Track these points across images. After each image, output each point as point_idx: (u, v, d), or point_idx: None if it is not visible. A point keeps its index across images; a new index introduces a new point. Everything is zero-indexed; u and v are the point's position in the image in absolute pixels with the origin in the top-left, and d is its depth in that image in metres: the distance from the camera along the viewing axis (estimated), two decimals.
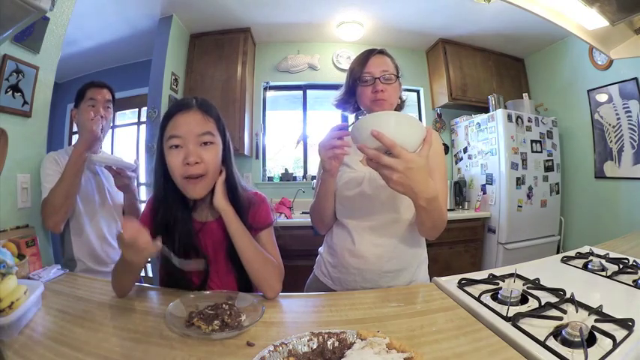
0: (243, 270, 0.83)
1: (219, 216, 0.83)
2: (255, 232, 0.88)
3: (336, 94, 1.10)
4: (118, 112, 3.23)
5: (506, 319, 0.66)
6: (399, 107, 1.07)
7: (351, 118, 1.22)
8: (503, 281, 0.85)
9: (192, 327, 0.65)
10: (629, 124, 2.43)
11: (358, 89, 1.00)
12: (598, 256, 1.11)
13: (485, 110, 2.86)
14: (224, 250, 0.86)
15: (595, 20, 1.33)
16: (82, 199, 1.23)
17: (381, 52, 1.02)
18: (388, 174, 0.67)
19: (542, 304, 0.72)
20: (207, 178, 0.80)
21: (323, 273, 1.06)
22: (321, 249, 1.12)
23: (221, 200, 0.82)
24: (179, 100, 0.85)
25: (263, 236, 0.90)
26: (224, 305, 0.71)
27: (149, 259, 0.91)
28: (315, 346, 0.56)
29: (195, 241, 0.85)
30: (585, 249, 1.22)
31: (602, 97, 2.61)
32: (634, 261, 1.02)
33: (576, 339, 0.56)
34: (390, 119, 0.67)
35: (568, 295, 0.75)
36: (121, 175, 1.23)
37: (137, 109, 3.25)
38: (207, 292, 0.81)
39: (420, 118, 3.29)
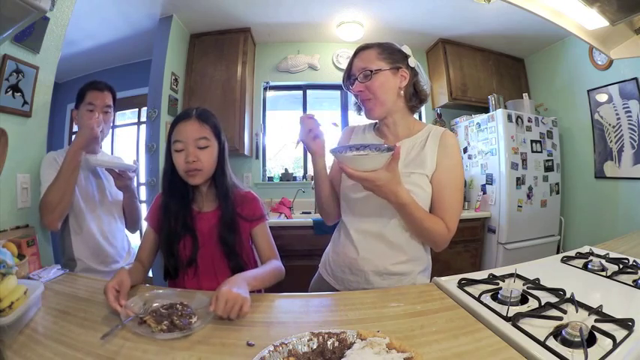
0: (233, 256, 0.98)
1: (214, 208, 1.02)
2: (251, 225, 1.03)
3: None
4: (118, 112, 3.22)
5: (506, 319, 0.66)
6: (418, 98, 0.97)
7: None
8: (503, 281, 0.85)
9: (143, 325, 0.66)
10: (629, 124, 2.42)
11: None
12: (598, 256, 1.11)
13: (486, 110, 2.85)
14: (215, 237, 0.99)
15: (595, 20, 1.33)
16: (83, 199, 1.23)
17: (363, 48, 0.96)
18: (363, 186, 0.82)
19: (542, 304, 0.72)
20: (204, 172, 0.97)
21: (327, 272, 1.06)
22: (328, 247, 1.12)
23: None
24: (182, 111, 1.02)
25: (259, 230, 1.04)
26: (178, 305, 0.71)
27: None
28: (315, 346, 0.56)
29: (191, 224, 1.00)
30: (585, 249, 1.22)
31: (602, 97, 2.60)
32: (634, 261, 1.02)
33: (576, 339, 0.56)
34: (351, 161, 0.79)
35: (568, 295, 0.75)
36: (122, 177, 1.24)
37: (137, 109, 3.24)
38: (169, 291, 0.86)
39: (420, 119, 3.29)
